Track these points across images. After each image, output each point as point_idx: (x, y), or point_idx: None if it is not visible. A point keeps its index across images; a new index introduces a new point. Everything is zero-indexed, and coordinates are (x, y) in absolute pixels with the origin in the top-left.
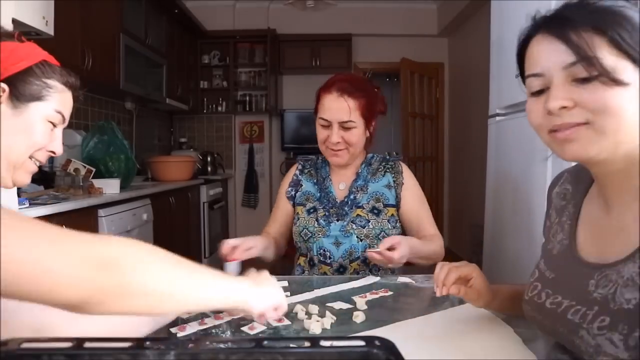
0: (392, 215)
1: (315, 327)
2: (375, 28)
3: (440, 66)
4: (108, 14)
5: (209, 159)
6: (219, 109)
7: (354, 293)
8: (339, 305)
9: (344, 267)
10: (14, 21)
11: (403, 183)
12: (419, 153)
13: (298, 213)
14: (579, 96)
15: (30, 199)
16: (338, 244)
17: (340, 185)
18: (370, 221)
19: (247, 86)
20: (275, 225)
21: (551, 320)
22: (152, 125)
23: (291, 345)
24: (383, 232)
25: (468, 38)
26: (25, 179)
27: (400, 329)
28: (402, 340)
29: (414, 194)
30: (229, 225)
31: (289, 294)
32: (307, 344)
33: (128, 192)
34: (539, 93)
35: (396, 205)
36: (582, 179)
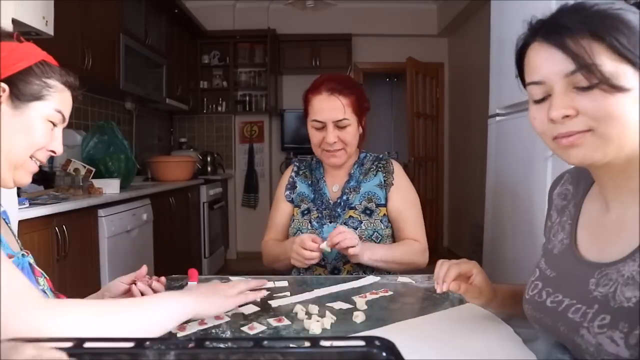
0: (384, 215)
1: (315, 327)
2: (375, 28)
3: (440, 66)
4: (108, 14)
5: (209, 159)
6: (219, 109)
7: (354, 293)
8: (339, 305)
9: (337, 269)
10: (14, 21)
11: (393, 184)
12: (421, 153)
13: (294, 214)
14: (581, 104)
15: (30, 199)
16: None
17: (333, 187)
18: (362, 222)
19: (247, 86)
20: (278, 230)
21: (552, 318)
22: (152, 125)
23: (291, 345)
24: (376, 233)
25: (468, 38)
26: (26, 179)
27: (400, 329)
28: (402, 340)
29: (401, 195)
30: (229, 225)
31: (288, 293)
32: (307, 344)
33: (128, 192)
34: (541, 100)
35: (386, 205)
36: (583, 179)
